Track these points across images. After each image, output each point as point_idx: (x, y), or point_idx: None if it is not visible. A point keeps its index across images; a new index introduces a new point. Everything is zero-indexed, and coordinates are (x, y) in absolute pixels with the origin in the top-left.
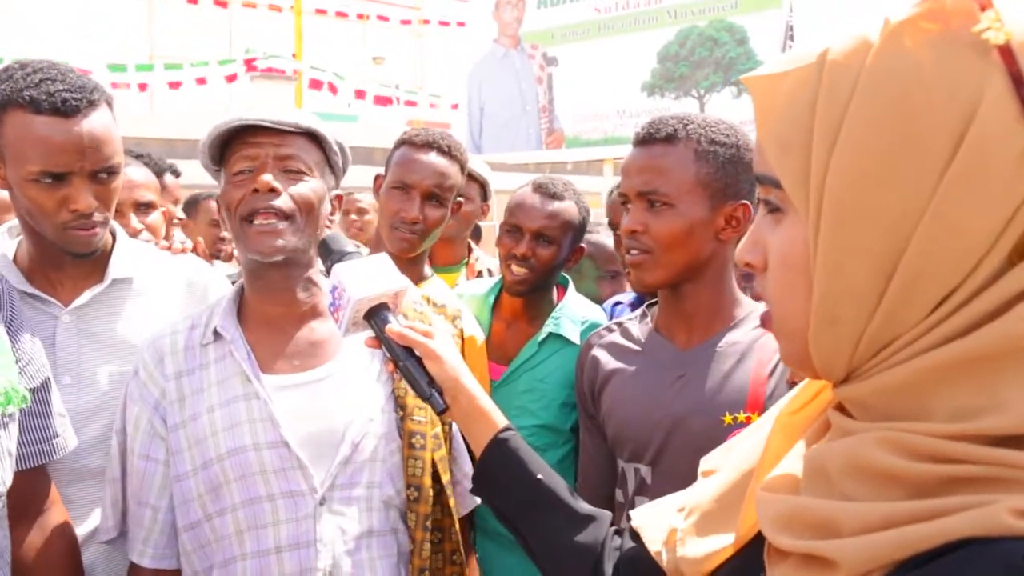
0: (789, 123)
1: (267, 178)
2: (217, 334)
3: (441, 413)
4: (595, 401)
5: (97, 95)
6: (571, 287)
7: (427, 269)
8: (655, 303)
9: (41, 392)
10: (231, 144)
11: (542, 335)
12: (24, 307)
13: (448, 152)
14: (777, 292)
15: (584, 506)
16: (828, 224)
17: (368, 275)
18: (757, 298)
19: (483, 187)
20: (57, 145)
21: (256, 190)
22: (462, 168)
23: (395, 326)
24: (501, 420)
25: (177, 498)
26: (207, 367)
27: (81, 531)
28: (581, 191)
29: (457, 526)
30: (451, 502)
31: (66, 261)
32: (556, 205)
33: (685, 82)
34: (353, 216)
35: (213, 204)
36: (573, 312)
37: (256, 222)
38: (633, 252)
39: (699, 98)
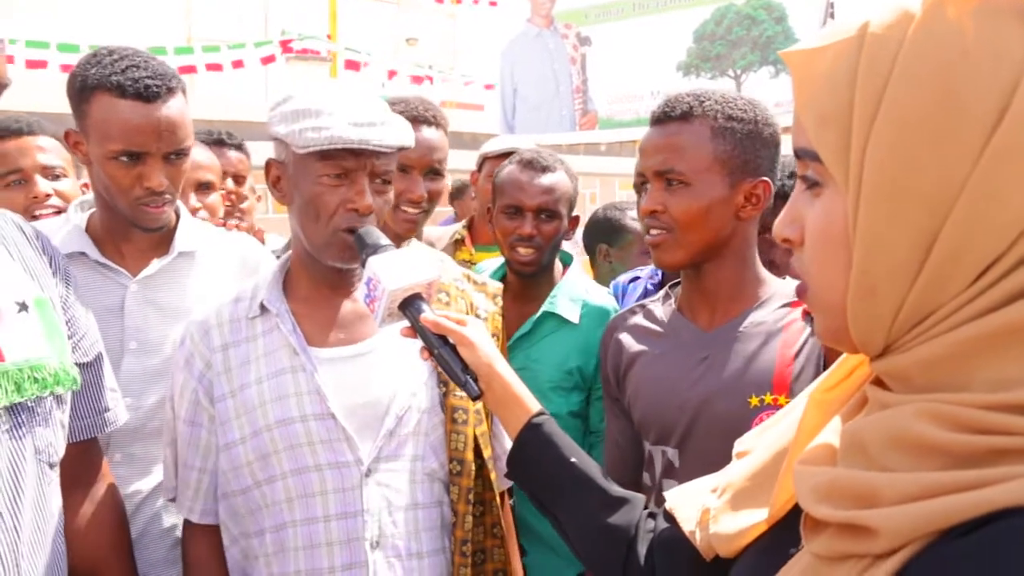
0: (828, 96)
1: (370, 202)
2: (263, 308)
3: (476, 399)
4: (620, 384)
5: (175, 83)
6: (575, 265)
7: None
8: (678, 283)
9: (94, 367)
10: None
11: (538, 314)
12: (95, 275)
13: (436, 122)
14: (815, 266)
15: (617, 489)
16: (868, 195)
17: (402, 267)
18: (795, 275)
19: None
20: (137, 127)
21: (357, 210)
22: (446, 131)
23: (429, 315)
24: (534, 405)
25: (226, 464)
26: (254, 339)
27: (144, 486)
28: (614, 173)
29: (498, 500)
30: (492, 476)
31: (135, 234)
32: (551, 178)
33: (721, 61)
34: None
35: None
36: (572, 291)
37: (347, 237)
38: (653, 232)
39: (736, 78)
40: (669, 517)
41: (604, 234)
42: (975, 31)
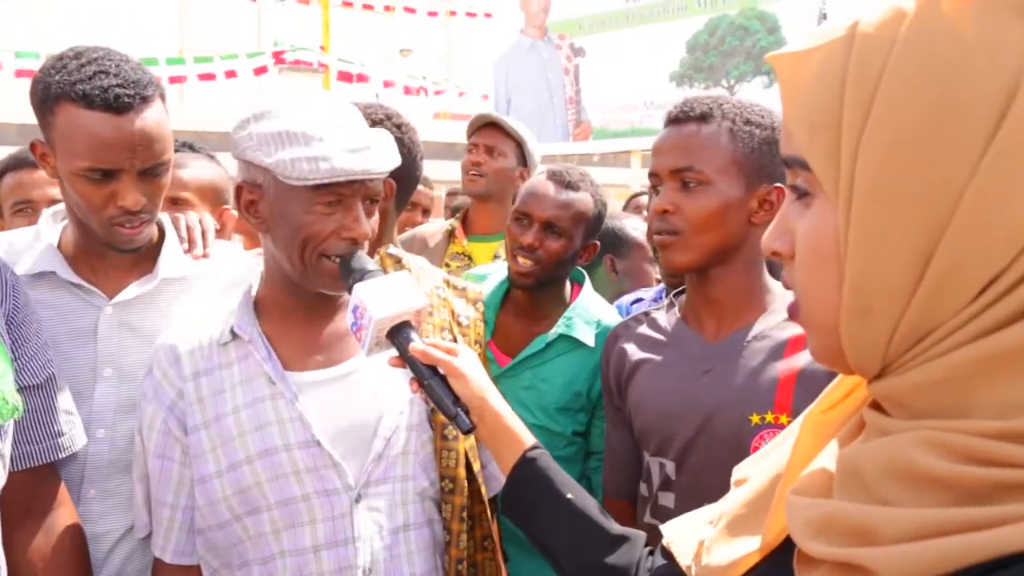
0: (817, 100)
1: (366, 230)
2: (234, 333)
3: (467, 433)
4: (621, 394)
5: (151, 90)
6: (587, 284)
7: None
8: (683, 291)
9: (45, 389)
10: None
11: (552, 335)
12: (66, 295)
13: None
14: (806, 282)
15: (616, 527)
16: (860, 206)
17: (389, 294)
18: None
19: (520, 146)
20: (107, 142)
21: (354, 239)
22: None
23: (418, 344)
24: (528, 439)
25: (202, 499)
26: (228, 367)
27: (121, 523)
28: (608, 183)
29: (488, 512)
30: (482, 489)
31: (111, 253)
32: (570, 195)
33: (715, 72)
34: None
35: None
36: (587, 313)
37: (336, 261)
38: (663, 233)
39: (729, 88)
40: (667, 553)
41: (608, 245)
42: (973, 28)
